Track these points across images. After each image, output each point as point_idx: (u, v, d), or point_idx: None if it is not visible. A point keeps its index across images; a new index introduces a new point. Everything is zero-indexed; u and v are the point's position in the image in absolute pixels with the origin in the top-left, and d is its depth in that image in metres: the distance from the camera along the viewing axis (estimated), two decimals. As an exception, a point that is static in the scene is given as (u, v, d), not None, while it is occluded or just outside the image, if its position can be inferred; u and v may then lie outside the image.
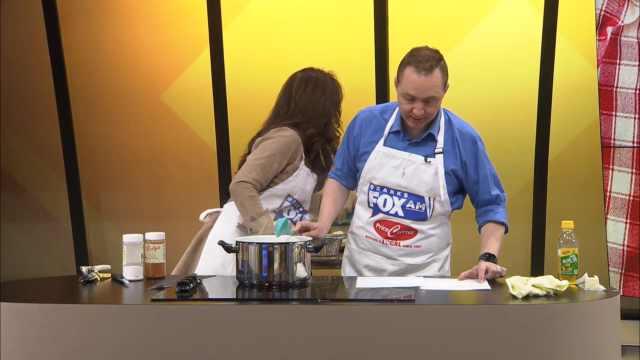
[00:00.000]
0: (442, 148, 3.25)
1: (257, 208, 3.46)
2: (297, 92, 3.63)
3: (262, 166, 3.51)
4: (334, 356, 2.62)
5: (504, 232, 3.31)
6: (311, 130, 3.59)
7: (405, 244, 3.27)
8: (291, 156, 3.56)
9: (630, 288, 4.73)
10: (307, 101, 3.61)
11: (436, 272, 3.30)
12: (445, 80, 3.18)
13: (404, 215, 3.26)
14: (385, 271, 3.30)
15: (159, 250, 3.16)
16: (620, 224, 4.74)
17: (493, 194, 3.30)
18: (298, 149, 3.58)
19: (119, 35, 5.79)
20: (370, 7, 5.41)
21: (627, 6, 4.65)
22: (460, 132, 3.28)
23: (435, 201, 3.26)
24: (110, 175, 5.93)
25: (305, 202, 3.66)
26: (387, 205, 3.27)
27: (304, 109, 3.60)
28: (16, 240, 6.04)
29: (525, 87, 5.40)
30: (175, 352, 2.64)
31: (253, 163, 3.52)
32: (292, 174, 3.57)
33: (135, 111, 5.83)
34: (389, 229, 3.28)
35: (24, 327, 2.69)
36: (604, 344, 2.71)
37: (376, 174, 3.28)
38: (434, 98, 3.16)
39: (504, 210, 3.33)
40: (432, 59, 3.14)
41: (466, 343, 2.61)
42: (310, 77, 3.66)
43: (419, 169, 3.25)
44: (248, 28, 5.62)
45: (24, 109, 5.95)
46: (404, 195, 3.25)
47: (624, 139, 4.70)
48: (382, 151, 3.28)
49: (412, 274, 3.27)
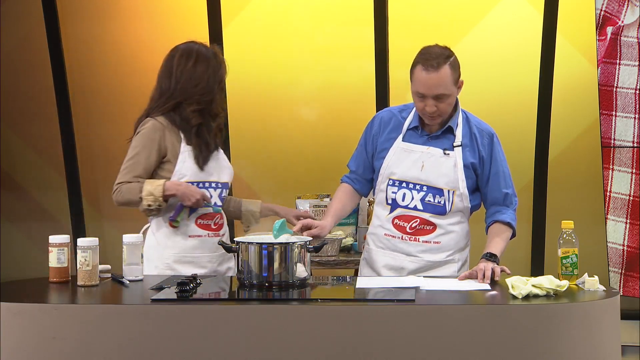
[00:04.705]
0: (460, 142, 3.27)
1: (135, 189, 3.34)
2: (177, 67, 3.45)
3: (130, 168, 3.38)
4: (334, 356, 2.62)
5: (511, 236, 3.30)
6: (193, 107, 3.42)
7: (425, 239, 3.27)
8: (159, 145, 3.39)
9: (630, 288, 4.73)
10: (189, 77, 3.44)
11: (454, 273, 3.28)
12: (456, 76, 3.20)
13: (423, 208, 3.26)
14: (404, 269, 3.28)
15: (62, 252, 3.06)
16: (620, 224, 4.74)
17: (503, 192, 3.30)
18: (165, 136, 3.40)
19: (119, 35, 5.80)
20: (370, 7, 5.41)
21: (627, 6, 4.65)
22: (478, 128, 3.31)
23: (454, 195, 3.26)
24: (110, 175, 5.89)
25: (212, 174, 3.46)
26: (406, 199, 3.27)
27: (185, 87, 3.43)
28: (16, 240, 6.04)
29: (525, 87, 5.40)
30: (175, 352, 2.64)
31: (122, 168, 3.41)
32: (175, 161, 3.41)
33: (135, 111, 5.78)
34: (408, 224, 3.27)
35: (24, 327, 2.69)
36: (604, 344, 2.71)
37: (395, 169, 3.28)
38: (444, 95, 3.17)
39: (513, 213, 3.32)
40: (440, 56, 3.17)
41: (466, 343, 2.61)
42: (192, 50, 3.48)
43: (437, 162, 3.25)
44: (248, 28, 5.63)
45: (24, 109, 5.95)
46: (423, 188, 3.26)
47: (624, 139, 4.70)
48: (400, 146, 3.29)
49: (430, 273, 3.26)
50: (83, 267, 3.01)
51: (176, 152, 3.41)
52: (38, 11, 5.75)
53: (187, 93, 3.43)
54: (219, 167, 3.50)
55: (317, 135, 5.66)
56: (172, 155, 3.41)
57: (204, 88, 3.44)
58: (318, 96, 5.64)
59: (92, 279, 3.02)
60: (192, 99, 3.43)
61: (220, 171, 3.49)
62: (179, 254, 3.41)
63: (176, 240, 3.42)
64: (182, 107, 3.43)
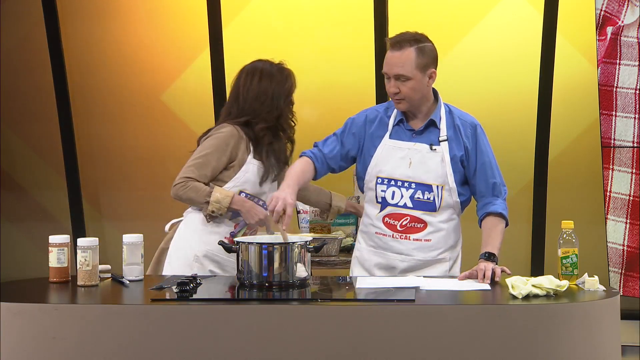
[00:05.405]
0: (446, 135, 3.27)
1: (203, 192, 3.43)
2: (243, 87, 3.54)
3: (198, 165, 3.46)
4: (334, 356, 2.62)
5: (505, 226, 3.30)
6: (261, 124, 3.51)
7: (415, 237, 3.27)
8: (230, 152, 3.49)
9: (630, 288, 4.73)
10: (255, 95, 3.52)
11: (446, 272, 3.29)
12: (422, 62, 3.19)
13: (412, 206, 3.26)
14: (395, 269, 3.28)
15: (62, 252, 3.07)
16: (620, 224, 4.74)
17: (490, 182, 3.30)
18: (239, 144, 3.50)
19: (119, 35, 5.80)
20: (370, 7, 5.42)
21: (627, 6, 4.65)
22: (461, 120, 3.31)
23: (443, 190, 3.26)
24: (110, 175, 5.94)
25: (265, 193, 3.56)
26: (395, 197, 3.27)
27: (252, 105, 3.51)
28: (16, 240, 6.04)
29: (525, 87, 5.40)
30: (175, 352, 2.64)
31: (189, 164, 3.49)
32: (239, 169, 3.51)
33: (135, 111, 5.83)
34: (399, 222, 3.27)
35: (24, 327, 2.69)
36: (604, 344, 2.71)
37: (383, 167, 3.28)
38: (404, 76, 3.18)
39: (503, 202, 3.31)
40: (409, 39, 3.20)
41: (466, 343, 2.61)
42: (256, 69, 3.56)
43: (425, 157, 3.26)
44: (248, 28, 5.63)
45: (24, 109, 5.96)
46: (412, 185, 3.26)
47: (624, 139, 4.70)
48: (388, 144, 3.29)
49: (421, 272, 3.26)
50: (83, 267, 3.01)
51: (243, 161, 3.50)
52: (38, 11, 5.75)
53: (255, 112, 3.52)
54: (273, 188, 3.58)
55: (317, 135, 5.64)
56: (237, 163, 3.51)
57: (269, 105, 3.52)
58: (318, 96, 5.64)
59: (92, 279, 3.02)
60: (259, 117, 3.51)
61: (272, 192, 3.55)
62: (211, 250, 3.49)
63: (212, 237, 3.48)
64: (252, 124, 3.52)
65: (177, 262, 3.50)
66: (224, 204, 3.42)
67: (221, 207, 3.43)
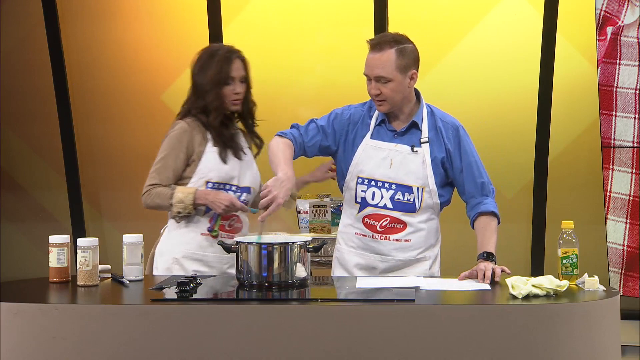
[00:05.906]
0: (427, 137, 3.27)
1: (166, 196, 3.41)
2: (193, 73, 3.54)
3: (159, 170, 3.46)
4: (334, 356, 2.62)
5: (497, 224, 3.30)
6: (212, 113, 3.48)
7: (395, 237, 3.27)
8: (186, 147, 3.46)
9: (630, 288, 4.73)
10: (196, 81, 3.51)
11: (426, 271, 3.30)
12: (403, 63, 3.19)
13: (392, 207, 3.26)
14: (375, 269, 3.29)
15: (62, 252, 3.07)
16: (620, 224, 4.74)
17: (478, 182, 3.30)
18: (192, 138, 3.47)
19: (119, 35, 5.80)
20: (370, 7, 5.42)
21: (627, 6, 4.65)
22: (442, 121, 3.31)
23: (423, 192, 3.26)
24: (110, 175, 5.94)
25: (233, 177, 3.51)
26: (375, 198, 3.27)
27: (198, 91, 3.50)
28: (16, 240, 6.04)
29: (525, 87, 5.40)
30: (175, 352, 2.64)
31: (151, 171, 3.48)
32: (199, 162, 3.47)
33: (135, 111, 5.83)
34: (378, 222, 3.28)
35: (24, 327, 2.69)
36: (604, 344, 2.71)
37: (364, 167, 3.28)
38: (384, 78, 3.18)
39: (492, 201, 3.31)
40: (389, 40, 3.20)
41: (466, 343, 2.61)
42: (201, 53, 3.55)
43: (406, 159, 3.26)
44: (248, 28, 5.63)
45: (24, 109, 5.96)
46: (392, 186, 3.26)
47: (624, 139, 4.70)
48: (369, 144, 3.29)
49: (402, 271, 3.26)
50: (83, 267, 3.01)
51: (201, 152, 3.47)
52: (38, 11, 5.75)
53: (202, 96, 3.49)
54: (242, 170, 3.53)
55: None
56: (197, 157, 3.47)
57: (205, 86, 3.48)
58: (318, 96, 5.64)
59: (92, 279, 3.02)
60: (204, 100, 3.49)
61: (242, 175, 3.53)
62: (189, 250, 3.46)
63: (188, 237, 3.47)
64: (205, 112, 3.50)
65: (162, 266, 3.49)
66: (188, 202, 3.39)
67: (186, 205, 3.40)
